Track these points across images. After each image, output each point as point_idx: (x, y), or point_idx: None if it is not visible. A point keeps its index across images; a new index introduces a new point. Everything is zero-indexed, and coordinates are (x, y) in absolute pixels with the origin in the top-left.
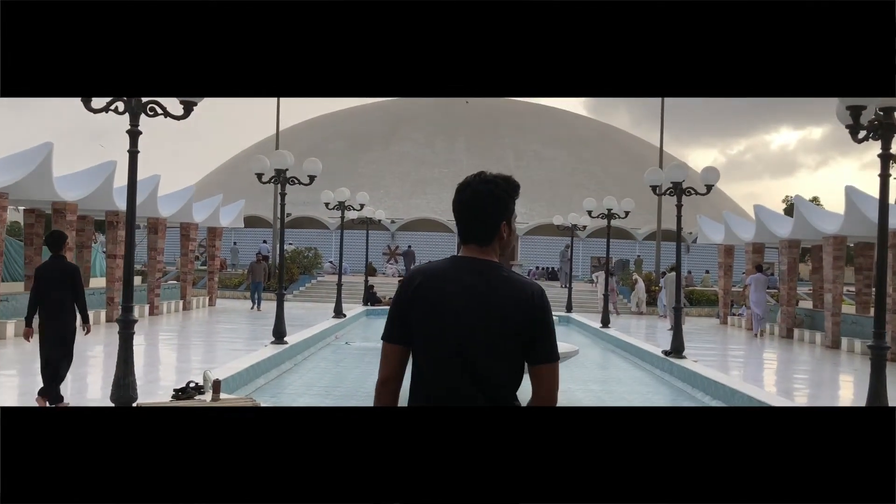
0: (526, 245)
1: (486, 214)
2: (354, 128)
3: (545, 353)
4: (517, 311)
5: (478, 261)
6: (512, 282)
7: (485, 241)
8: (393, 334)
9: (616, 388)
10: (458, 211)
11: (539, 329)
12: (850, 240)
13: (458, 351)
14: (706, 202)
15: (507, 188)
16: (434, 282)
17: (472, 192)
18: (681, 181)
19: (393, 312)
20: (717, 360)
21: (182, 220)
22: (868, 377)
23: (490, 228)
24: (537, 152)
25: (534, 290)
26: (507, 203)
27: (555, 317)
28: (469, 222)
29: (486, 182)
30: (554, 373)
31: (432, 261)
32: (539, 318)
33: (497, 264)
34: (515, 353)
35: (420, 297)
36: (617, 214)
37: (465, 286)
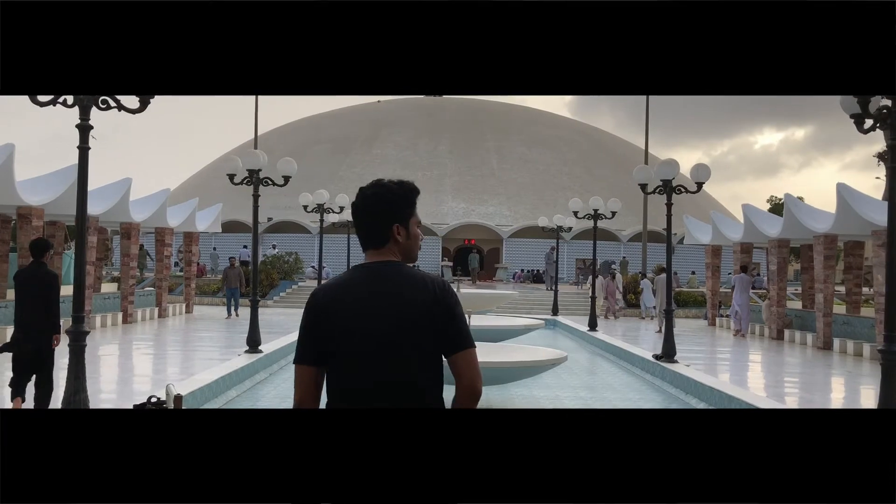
0: (510, 247)
1: (375, 218)
2: (336, 131)
3: (458, 340)
4: (423, 305)
5: (377, 263)
6: (413, 277)
7: (379, 244)
8: (303, 356)
9: (607, 394)
10: (354, 218)
11: (447, 318)
12: (841, 238)
13: (374, 358)
14: (691, 203)
15: (400, 191)
16: (337, 295)
17: (363, 197)
18: (671, 178)
19: (301, 334)
20: (709, 364)
21: (157, 225)
22: (865, 379)
23: (381, 231)
24: (521, 154)
25: (436, 282)
26: (398, 206)
27: (540, 320)
28: (361, 227)
29: (377, 187)
30: (471, 360)
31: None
32: (445, 307)
33: (396, 262)
34: (431, 348)
35: (327, 314)
36: (603, 215)
37: (370, 291)
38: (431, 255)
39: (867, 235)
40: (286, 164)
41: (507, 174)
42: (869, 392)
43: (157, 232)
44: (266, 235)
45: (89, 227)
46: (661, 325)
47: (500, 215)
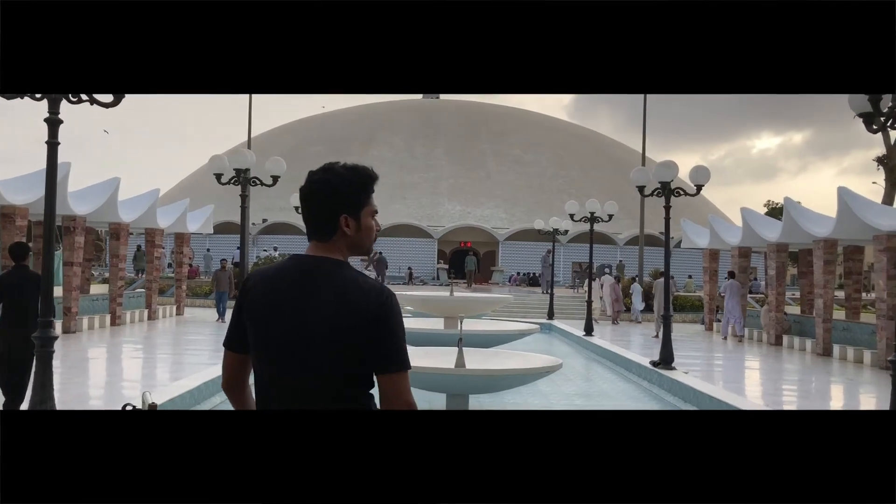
0: (506, 250)
1: (320, 207)
2: (333, 132)
3: (387, 360)
4: (346, 313)
5: (312, 258)
6: (350, 281)
7: (324, 236)
8: (228, 340)
9: (602, 402)
10: (301, 204)
11: (375, 333)
12: (841, 243)
13: (284, 357)
14: (688, 207)
15: (351, 177)
16: (264, 284)
17: (309, 183)
18: (669, 181)
19: (231, 318)
20: (708, 371)
21: (146, 226)
22: (867, 387)
23: (326, 223)
24: (518, 157)
25: (376, 290)
26: (346, 194)
27: (535, 324)
28: (306, 216)
29: (325, 172)
30: (396, 385)
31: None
32: (375, 321)
33: (335, 261)
34: (348, 358)
35: (251, 300)
36: (600, 218)
37: (291, 286)
38: (427, 257)
39: (868, 240)
40: (275, 164)
41: (504, 177)
42: (871, 400)
43: (147, 233)
44: (260, 237)
45: (76, 228)
46: (659, 331)
47: (496, 218)
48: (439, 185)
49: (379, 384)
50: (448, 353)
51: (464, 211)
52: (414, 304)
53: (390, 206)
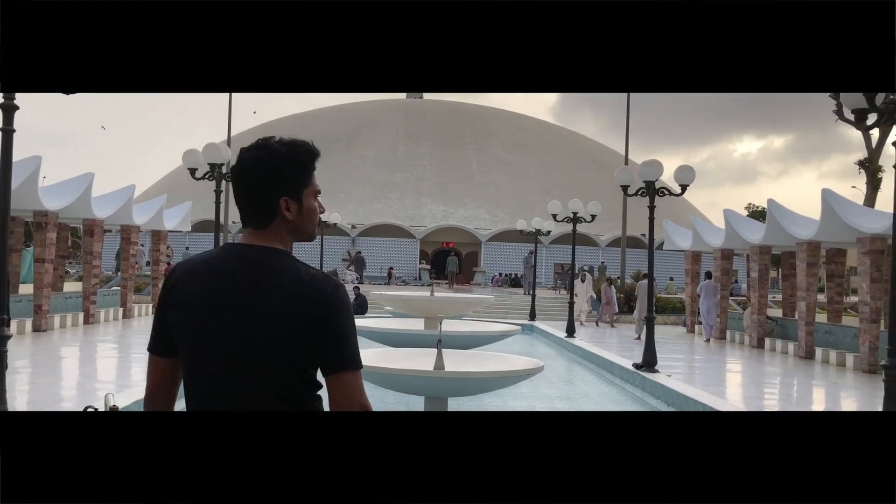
0: (489, 251)
1: (257, 189)
2: (315, 131)
3: (337, 359)
4: (290, 308)
5: (249, 247)
6: (294, 272)
7: (261, 223)
8: (153, 343)
9: (584, 405)
10: (233, 186)
11: (323, 329)
12: (824, 246)
13: (220, 360)
14: (669, 209)
15: (290, 155)
16: (193, 278)
17: (241, 162)
18: (654, 180)
19: (154, 319)
20: (691, 374)
21: (122, 223)
22: (851, 391)
23: (263, 207)
24: (501, 158)
25: (322, 281)
26: (287, 173)
27: (517, 325)
28: (240, 200)
29: (260, 149)
30: (347, 386)
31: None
32: (323, 316)
33: (275, 251)
34: (293, 358)
35: (177, 297)
36: (583, 218)
37: (225, 280)
38: (409, 257)
39: (851, 243)
40: None
41: (487, 177)
42: (856, 404)
43: (122, 230)
44: (239, 236)
45: (48, 224)
46: (640, 332)
47: (478, 218)
48: (422, 185)
49: (328, 386)
50: (428, 354)
51: (446, 211)
52: (394, 304)
53: (372, 205)
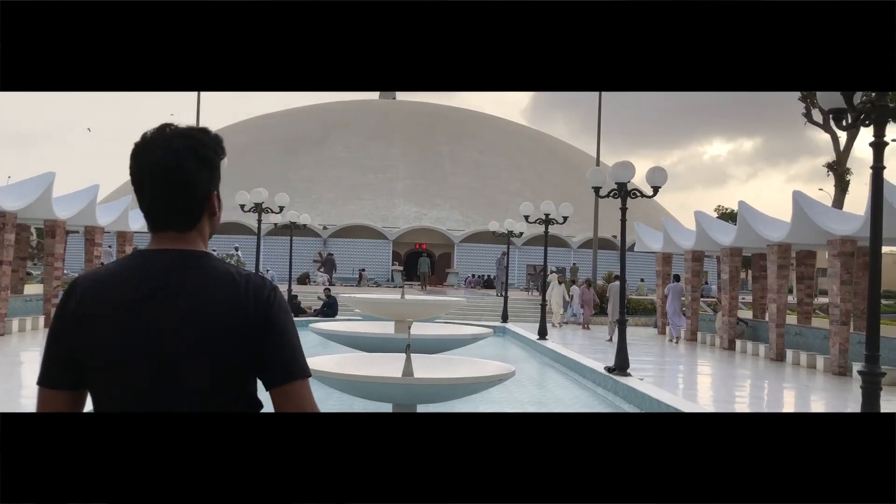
0: (462, 252)
1: (189, 184)
2: (285, 131)
3: (283, 368)
4: (223, 316)
5: (173, 253)
6: (222, 276)
7: (189, 223)
8: (51, 376)
9: (557, 409)
10: (145, 182)
11: (268, 335)
12: (794, 248)
13: (145, 381)
14: (640, 211)
15: (213, 143)
16: (104, 292)
17: (166, 152)
18: (626, 181)
19: (49, 346)
20: (663, 377)
21: (86, 224)
22: (822, 393)
23: (196, 205)
24: (474, 159)
25: (256, 284)
26: (216, 164)
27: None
28: (163, 199)
29: (184, 137)
30: (295, 397)
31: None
32: (262, 322)
33: (201, 254)
34: (231, 372)
35: (85, 315)
36: (555, 220)
37: (148, 290)
38: (382, 258)
39: (821, 245)
40: None
41: (460, 178)
42: (828, 407)
43: (86, 231)
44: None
45: (6, 224)
46: (612, 334)
47: (451, 220)
48: (395, 185)
49: (275, 400)
50: (396, 359)
51: (419, 212)
52: (363, 307)
53: (345, 206)
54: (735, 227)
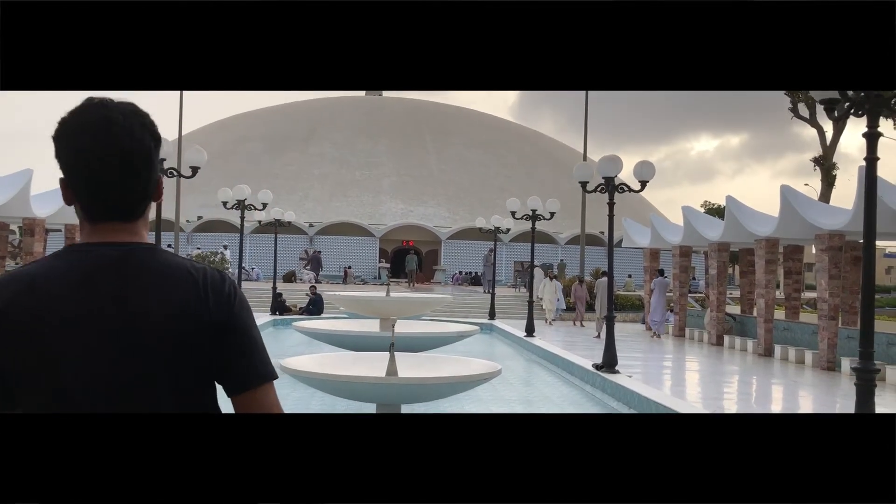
0: (449, 249)
1: (151, 165)
2: (271, 128)
3: (247, 373)
4: (180, 315)
5: (119, 246)
6: (175, 271)
7: (140, 211)
8: None
9: (544, 408)
10: (95, 165)
11: (226, 340)
12: (782, 242)
13: (92, 392)
14: (627, 207)
15: (151, 121)
16: (38, 294)
17: (124, 130)
18: (613, 176)
19: None
20: (650, 373)
21: (66, 222)
22: (811, 389)
23: (147, 188)
24: (461, 155)
25: (215, 283)
26: (160, 144)
27: (476, 325)
28: (116, 184)
29: (135, 114)
30: (261, 402)
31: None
32: (225, 322)
33: (149, 247)
34: (190, 378)
35: (15, 325)
36: (542, 216)
37: (93, 291)
38: (369, 256)
39: (809, 239)
40: (195, 154)
41: (447, 175)
42: (817, 403)
43: (66, 229)
44: (195, 235)
45: None
46: (600, 331)
47: (438, 216)
48: (381, 182)
49: (236, 405)
50: (381, 358)
51: (406, 209)
52: (347, 304)
53: (331, 203)
54: (722, 222)
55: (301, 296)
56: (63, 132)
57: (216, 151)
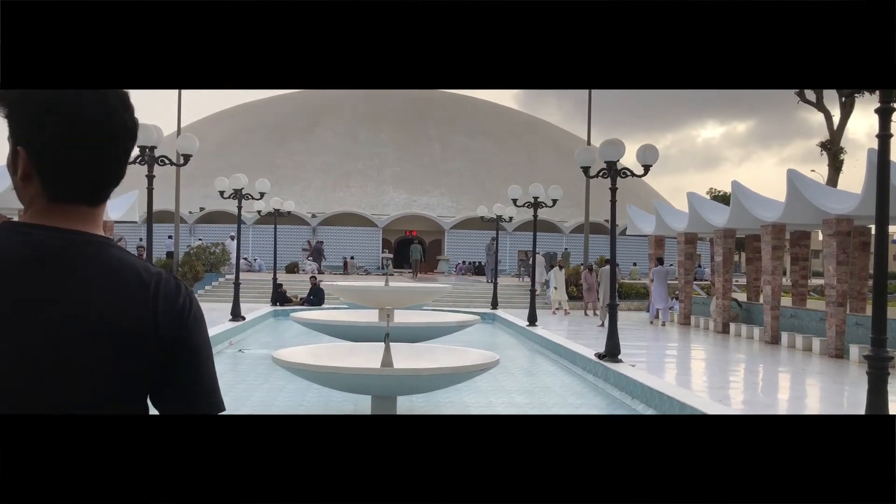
0: (453, 239)
1: (124, 150)
2: (273, 118)
3: (189, 402)
4: (129, 331)
5: (70, 235)
6: (128, 275)
7: (104, 195)
8: None
9: (545, 398)
10: (65, 135)
11: (174, 359)
12: (790, 228)
13: (18, 399)
14: (633, 195)
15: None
16: None
17: (113, 103)
18: (616, 160)
19: None
20: (654, 362)
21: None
22: (820, 377)
23: (120, 174)
24: (464, 144)
25: (168, 290)
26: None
27: (476, 315)
28: (91, 160)
29: (123, 94)
30: None
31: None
32: (175, 339)
33: (106, 241)
34: (125, 396)
35: None
36: (544, 203)
37: (22, 287)
38: (372, 246)
39: (816, 224)
40: (186, 141)
41: (450, 164)
42: (824, 392)
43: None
44: (198, 226)
45: None
46: (604, 319)
47: (442, 206)
48: (384, 172)
49: None
50: (377, 348)
51: (409, 199)
52: (346, 295)
53: (333, 193)
54: (728, 208)
55: (303, 286)
56: (41, 96)
57: (218, 142)
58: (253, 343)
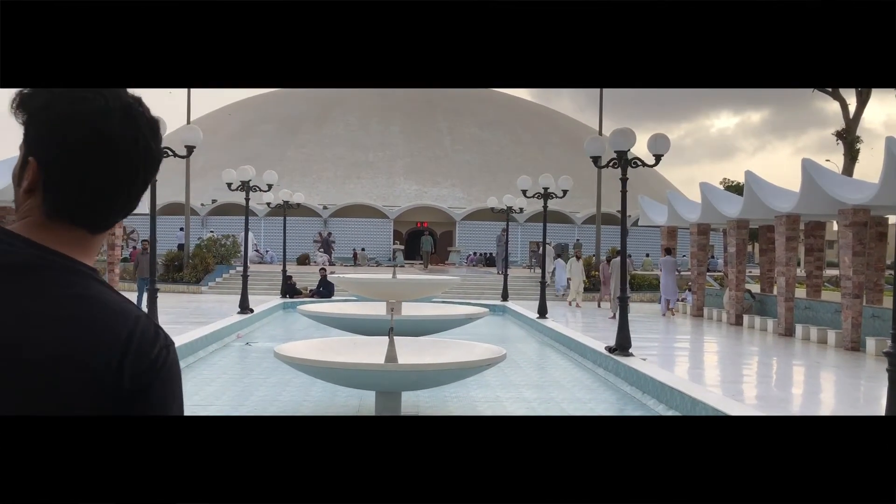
0: (464, 230)
1: (142, 178)
2: (284, 110)
3: None
4: (89, 378)
5: (61, 260)
6: (104, 316)
7: (106, 222)
8: None
9: (554, 393)
10: (85, 158)
11: (135, 410)
12: (804, 218)
13: None
14: (645, 186)
15: None
16: None
17: (136, 132)
18: (626, 150)
19: None
20: (665, 356)
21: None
22: (836, 371)
23: (131, 200)
24: (475, 135)
25: (143, 339)
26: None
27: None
28: (102, 184)
29: (146, 117)
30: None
31: None
32: (138, 393)
33: (92, 273)
34: None
35: None
36: (554, 194)
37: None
38: (382, 238)
39: (831, 215)
40: (190, 133)
41: (461, 155)
42: (839, 385)
43: None
44: (209, 218)
45: None
46: (616, 311)
47: (453, 197)
48: (395, 164)
49: None
50: (382, 342)
51: (420, 190)
52: (353, 287)
53: (344, 185)
54: (741, 198)
55: (314, 278)
56: (67, 107)
57: (230, 134)
58: (261, 336)
